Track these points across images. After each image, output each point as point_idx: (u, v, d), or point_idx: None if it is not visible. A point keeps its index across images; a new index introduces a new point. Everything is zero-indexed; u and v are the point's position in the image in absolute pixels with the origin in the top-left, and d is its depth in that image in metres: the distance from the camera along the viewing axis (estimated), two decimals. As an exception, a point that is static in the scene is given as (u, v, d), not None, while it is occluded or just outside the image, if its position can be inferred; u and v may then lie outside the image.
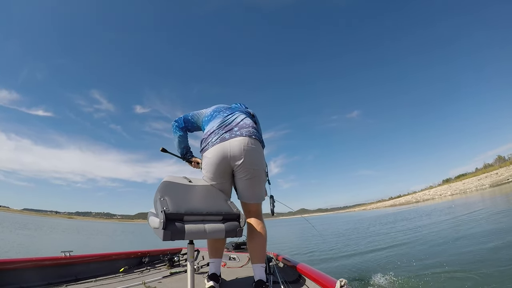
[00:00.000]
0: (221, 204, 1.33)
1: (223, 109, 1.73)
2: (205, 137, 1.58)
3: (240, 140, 1.47)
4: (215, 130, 1.55)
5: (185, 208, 1.17)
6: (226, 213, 1.26)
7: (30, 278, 1.64)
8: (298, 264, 1.74)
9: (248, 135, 1.50)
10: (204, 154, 1.56)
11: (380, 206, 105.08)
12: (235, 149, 1.46)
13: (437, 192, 67.72)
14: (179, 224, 1.12)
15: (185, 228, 1.12)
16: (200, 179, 1.61)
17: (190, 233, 1.13)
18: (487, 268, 3.15)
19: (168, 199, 1.20)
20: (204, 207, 1.24)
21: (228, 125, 1.56)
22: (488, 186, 43.57)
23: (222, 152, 1.47)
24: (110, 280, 1.83)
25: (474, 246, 4.47)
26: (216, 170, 1.51)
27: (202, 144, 1.61)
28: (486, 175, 61.46)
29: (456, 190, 54.64)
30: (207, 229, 1.18)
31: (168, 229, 1.08)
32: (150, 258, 2.50)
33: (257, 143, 1.54)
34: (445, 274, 3.24)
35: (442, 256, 4.18)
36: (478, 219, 7.99)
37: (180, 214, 1.14)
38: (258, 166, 1.54)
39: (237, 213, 1.29)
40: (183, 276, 1.96)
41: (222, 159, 1.48)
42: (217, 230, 1.21)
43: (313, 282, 1.44)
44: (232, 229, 1.25)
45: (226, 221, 1.26)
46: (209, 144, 1.52)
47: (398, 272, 3.57)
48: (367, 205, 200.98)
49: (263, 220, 1.63)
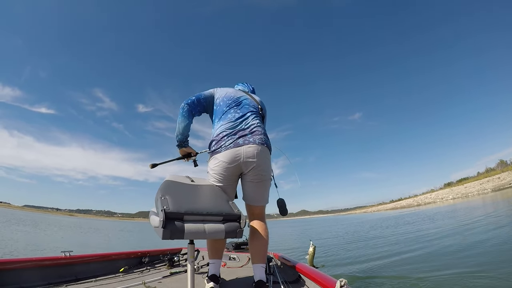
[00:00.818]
0: (223, 204, 1.33)
1: (233, 104, 1.75)
2: (217, 139, 1.62)
3: (253, 147, 1.57)
4: (228, 134, 1.61)
5: (186, 208, 1.17)
6: (226, 213, 1.26)
7: (30, 278, 1.64)
8: (298, 264, 1.75)
9: (261, 143, 1.61)
10: (216, 156, 1.60)
11: (382, 208, 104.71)
12: (248, 155, 1.56)
13: (438, 196, 67.33)
14: (179, 223, 1.12)
15: (184, 228, 1.12)
16: (203, 179, 1.61)
17: (190, 232, 1.13)
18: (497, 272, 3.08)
19: (169, 198, 1.20)
20: (204, 207, 1.23)
21: (241, 130, 1.63)
22: (490, 191, 43.26)
23: (235, 156, 1.55)
24: (110, 280, 1.83)
25: (482, 250, 4.41)
26: (226, 172, 1.58)
27: (213, 146, 1.63)
28: (488, 179, 61.01)
29: (458, 194, 54.31)
30: (207, 229, 1.18)
31: (167, 228, 1.08)
32: (150, 258, 2.50)
33: (267, 151, 1.66)
34: (449, 277, 3.21)
35: (445, 259, 4.14)
36: (486, 224, 7.81)
37: (180, 213, 1.14)
38: (266, 172, 1.64)
39: (238, 214, 1.28)
40: (183, 276, 1.96)
41: (235, 163, 1.56)
42: (217, 230, 1.20)
43: (313, 282, 1.44)
44: (232, 230, 1.24)
45: (226, 222, 1.25)
46: (222, 147, 1.58)
47: (400, 273, 3.55)
48: (368, 207, 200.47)
49: (266, 222, 1.68)
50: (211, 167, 1.63)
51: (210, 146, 1.68)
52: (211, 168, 1.63)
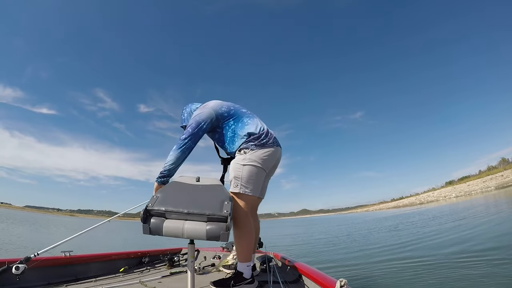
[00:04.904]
0: (212, 204, 1.21)
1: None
2: (264, 132, 1.65)
3: (280, 150, 1.75)
4: (270, 132, 1.70)
5: (168, 205, 1.18)
6: (210, 213, 1.16)
7: (30, 278, 1.63)
8: (298, 264, 1.75)
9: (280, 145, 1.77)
10: (268, 148, 1.62)
11: (383, 207, 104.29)
12: (279, 155, 1.75)
13: (441, 194, 66.97)
14: (158, 220, 1.16)
15: (163, 225, 1.15)
16: (210, 178, 1.53)
17: (168, 230, 1.15)
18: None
19: (160, 196, 1.24)
20: (188, 206, 1.19)
21: (272, 133, 1.73)
22: (494, 188, 43.04)
23: (278, 155, 1.72)
24: (110, 280, 1.83)
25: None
26: (271, 167, 1.71)
27: (261, 138, 1.61)
28: (491, 177, 60.76)
29: (461, 192, 54.00)
30: (186, 228, 1.15)
31: (146, 223, 1.14)
32: (150, 258, 2.50)
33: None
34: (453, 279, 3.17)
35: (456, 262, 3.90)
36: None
37: (161, 210, 1.17)
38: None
39: (225, 215, 1.16)
40: (183, 276, 1.96)
41: (276, 161, 1.73)
42: (197, 231, 1.14)
43: (313, 282, 1.44)
44: (214, 232, 1.13)
45: (210, 222, 1.17)
46: (270, 143, 1.65)
47: (402, 274, 3.53)
48: (369, 206, 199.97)
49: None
50: (261, 156, 1.59)
51: (256, 139, 1.60)
52: (261, 157, 1.59)
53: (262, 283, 1.67)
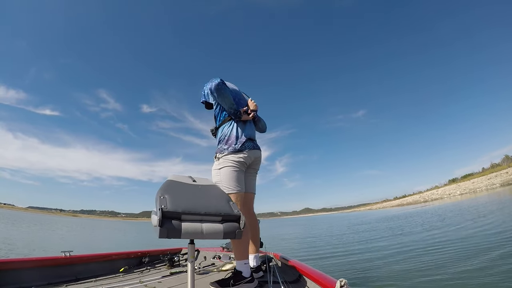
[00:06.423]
0: (222, 204, 1.30)
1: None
2: (242, 140, 1.81)
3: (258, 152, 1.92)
4: (251, 137, 1.90)
5: (183, 207, 1.16)
6: (225, 214, 1.23)
7: (30, 278, 1.65)
8: (298, 264, 1.74)
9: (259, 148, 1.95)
10: (241, 154, 1.79)
11: (387, 206, 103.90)
12: (258, 156, 1.90)
13: (445, 192, 66.52)
14: (176, 223, 1.11)
15: (181, 227, 1.11)
16: (205, 179, 1.58)
17: (186, 232, 1.11)
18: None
19: (168, 197, 1.19)
20: (203, 207, 1.21)
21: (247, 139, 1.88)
22: (499, 185, 42.70)
23: (256, 156, 1.89)
24: (110, 280, 1.83)
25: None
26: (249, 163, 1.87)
27: (234, 142, 1.78)
28: (495, 174, 60.19)
29: (466, 190, 53.65)
30: (205, 229, 1.15)
31: (164, 227, 1.08)
32: (150, 258, 2.50)
33: None
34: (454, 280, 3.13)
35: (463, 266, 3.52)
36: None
37: (178, 212, 1.13)
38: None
39: (238, 215, 1.25)
40: (183, 276, 1.96)
41: (255, 159, 1.90)
42: (215, 231, 1.18)
43: (313, 282, 1.43)
44: (231, 231, 1.21)
45: (225, 222, 1.23)
46: (243, 148, 1.80)
47: (403, 275, 3.50)
48: (372, 204, 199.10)
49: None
50: (236, 160, 1.79)
51: (227, 142, 1.81)
52: (237, 160, 1.80)
53: (262, 283, 1.67)
